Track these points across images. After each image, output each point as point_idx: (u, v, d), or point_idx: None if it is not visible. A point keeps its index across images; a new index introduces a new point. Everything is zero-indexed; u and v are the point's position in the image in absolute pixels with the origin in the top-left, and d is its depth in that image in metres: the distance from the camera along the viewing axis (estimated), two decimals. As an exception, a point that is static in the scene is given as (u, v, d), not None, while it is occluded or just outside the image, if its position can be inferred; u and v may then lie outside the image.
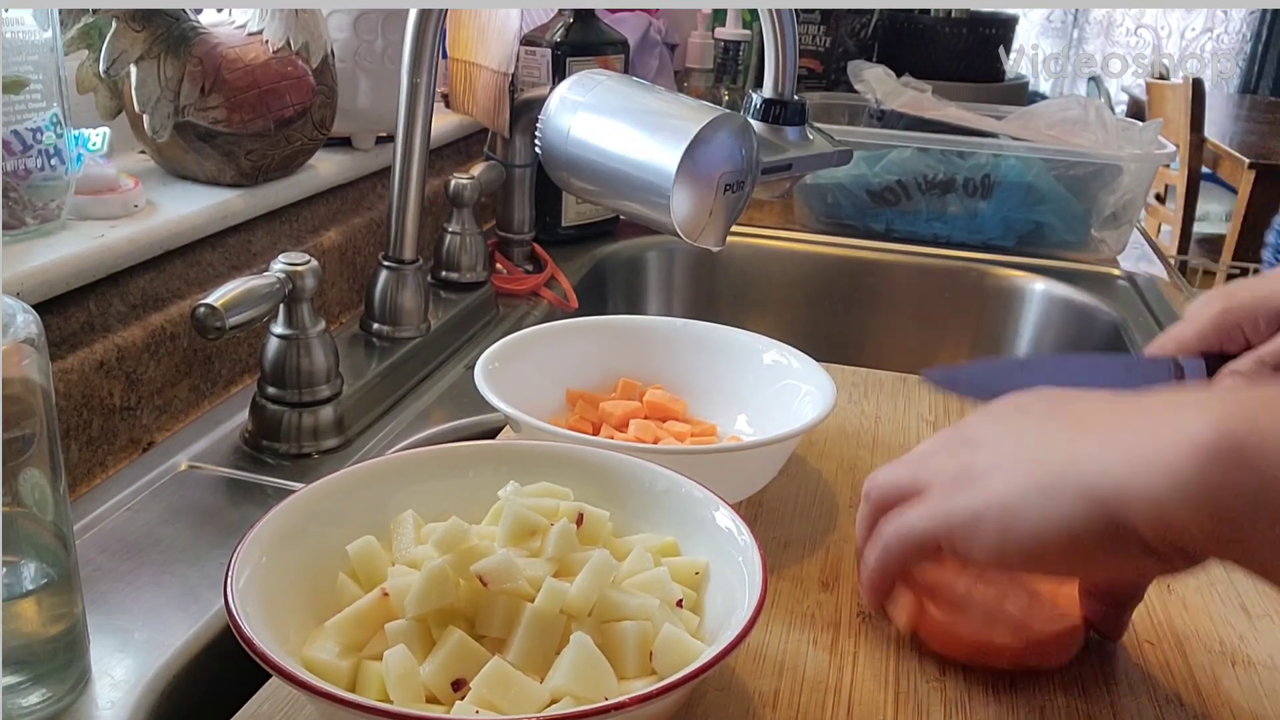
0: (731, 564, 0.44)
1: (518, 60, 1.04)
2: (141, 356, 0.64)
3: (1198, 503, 0.35)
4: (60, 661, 0.43)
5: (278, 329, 0.64)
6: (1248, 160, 2.57)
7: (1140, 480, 0.36)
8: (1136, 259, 1.14)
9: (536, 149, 0.68)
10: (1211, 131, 2.78)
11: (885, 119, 1.29)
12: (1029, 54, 2.09)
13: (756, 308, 1.17)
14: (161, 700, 0.46)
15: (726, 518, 0.45)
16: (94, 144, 0.71)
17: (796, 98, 0.74)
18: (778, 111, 0.74)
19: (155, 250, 0.66)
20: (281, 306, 0.64)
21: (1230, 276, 2.23)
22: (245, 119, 0.72)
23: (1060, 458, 0.40)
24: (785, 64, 0.73)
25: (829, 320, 1.16)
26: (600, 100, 0.66)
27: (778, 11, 0.72)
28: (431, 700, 0.38)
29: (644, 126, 0.63)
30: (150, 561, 0.54)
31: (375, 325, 0.78)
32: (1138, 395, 0.40)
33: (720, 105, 0.63)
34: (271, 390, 0.65)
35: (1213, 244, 2.90)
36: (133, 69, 0.69)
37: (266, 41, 0.75)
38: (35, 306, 0.48)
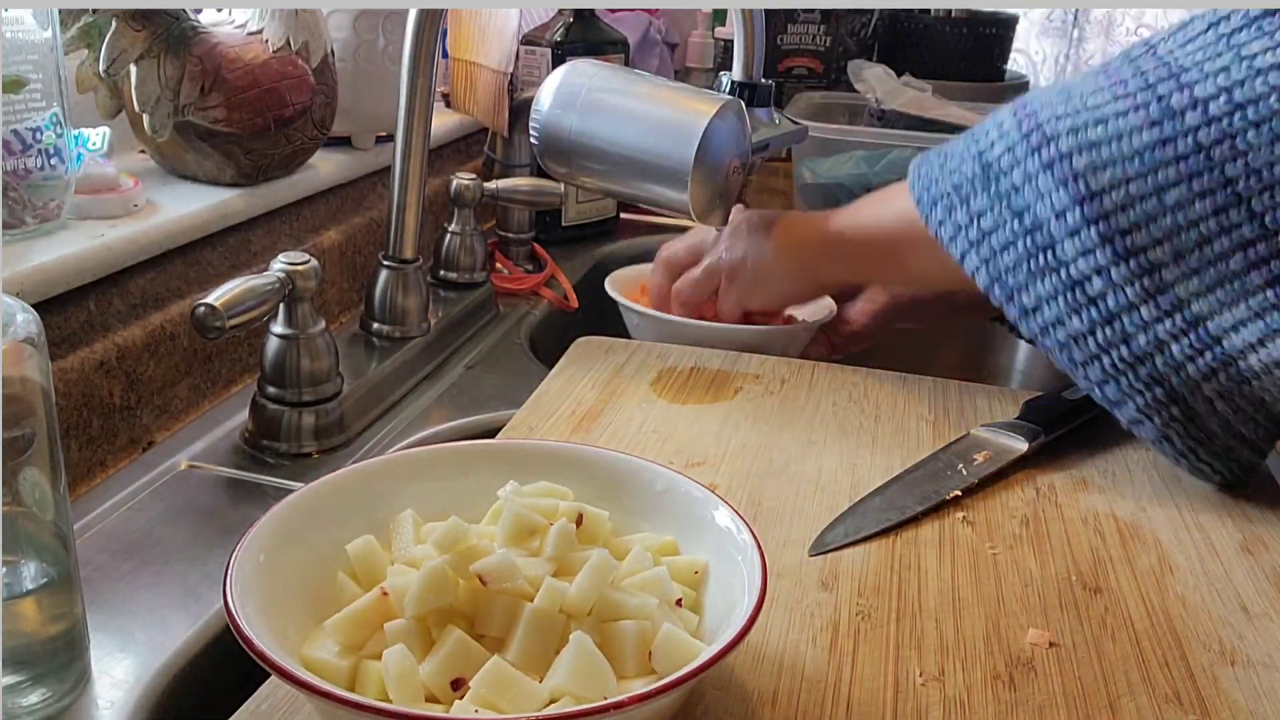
0: (731, 563, 0.44)
1: (517, 59, 1.04)
2: (141, 356, 0.64)
3: (834, 262, 0.75)
4: (60, 661, 0.43)
5: (278, 329, 0.64)
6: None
7: (811, 259, 0.77)
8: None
9: (533, 139, 0.68)
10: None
11: (885, 119, 1.29)
12: (1029, 54, 2.09)
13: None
14: (161, 700, 0.46)
15: (726, 517, 0.45)
16: (94, 143, 0.71)
17: (765, 80, 0.76)
18: (749, 94, 0.76)
19: (155, 250, 0.66)
20: (281, 306, 0.64)
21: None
22: (245, 118, 0.72)
23: (779, 250, 0.77)
24: (753, 50, 0.76)
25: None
26: (599, 89, 0.66)
27: (749, 10, 0.75)
28: (431, 699, 0.38)
29: (653, 115, 0.65)
30: (150, 561, 0.54)
31: (375, 325, 0.78)
32: (807, 216, 0.78)
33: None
34: (271, 390, 0.65)
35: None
36: (133, 68, 0.69)
37: (266, 41, 0.75)
38: (35, 306, 0.48)
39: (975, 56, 1.64)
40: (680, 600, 0.44)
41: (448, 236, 0.89)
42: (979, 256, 0.61)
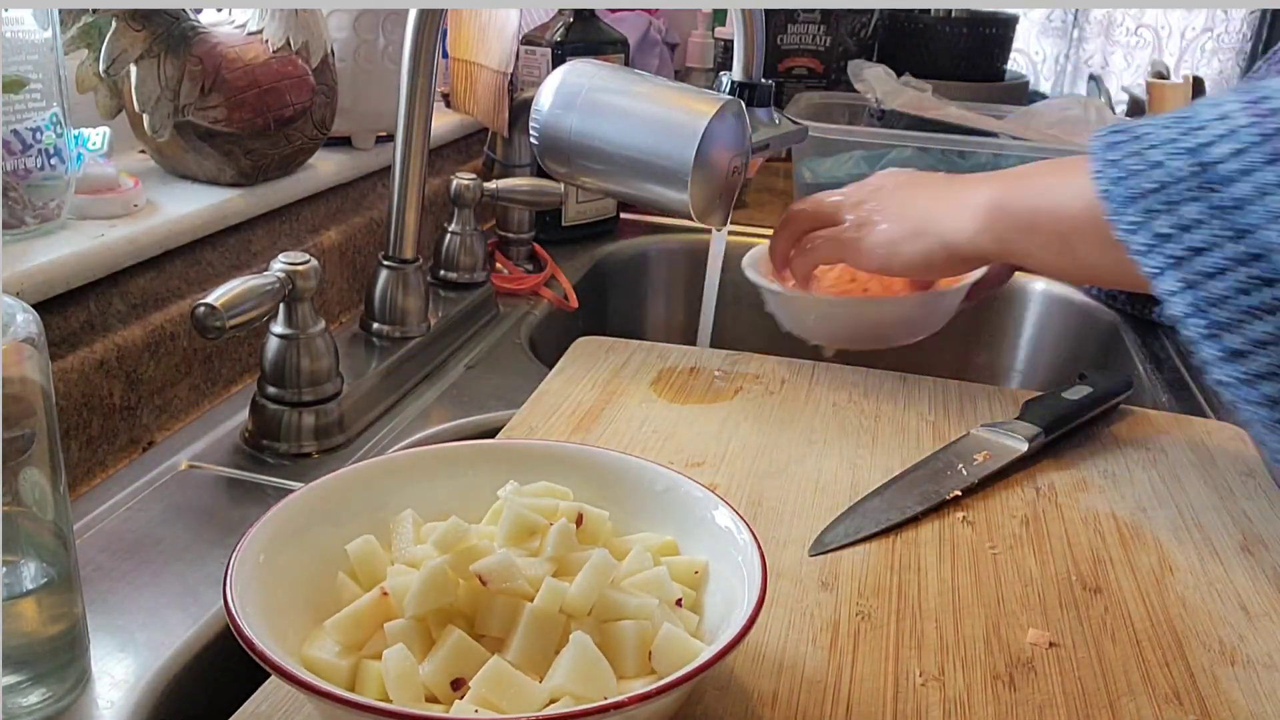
0: (731, 563, 0.44)
1: (517, 59, 1.04)
2: (141, 356, 0.64)
3: (986, 235, 0.64)
4: (60, 661, 0.43)
5: (278, 328, 0.64)
6: (1248, 160, 2.55)
7: (960, 228, 0.65)
8: (1136, 259, 1.14)
9: (533, 139, 0.68)
10: (1212, 131, 2.76)
11: (885, 119, 1.29)
12: (1029, 54, 2.09)
13: (758, 307, 1.17)
14: (161, 700, 0.46)
15: (726, 517, 0.45)
16: (94, 143, 0.71)
17: (765, 80, 0.77)
18: (749, 94, 0.76)
19: (155, 250, 0.66)
20: (281, 306, 0.64)
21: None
22: (245, 118, 0.72)
23: (922, 216, 0.68)
24: (753, 50, 0.76)
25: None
26: (599, 89, 0.67)
27: (749, 10, 0.76)
28: (431, 699, 0.38)
29: (653, 115, 0.65)
30: (150, 561, 0.54)
31: (375, 325, 0.78)
32: (961, 177, 0.69)
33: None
34: (271, 390, 0.65)
35: (1213, 244, 2.88)
36: (133, 68, 0.69)
37: (266, 41, 0.75)
38: (35, 306, 0.48)
39: (975, 56, 1.64)
40: (680, 600, 0.44)
41: (448, 236, 0.89)
42: (1180, 278, 0.49)
